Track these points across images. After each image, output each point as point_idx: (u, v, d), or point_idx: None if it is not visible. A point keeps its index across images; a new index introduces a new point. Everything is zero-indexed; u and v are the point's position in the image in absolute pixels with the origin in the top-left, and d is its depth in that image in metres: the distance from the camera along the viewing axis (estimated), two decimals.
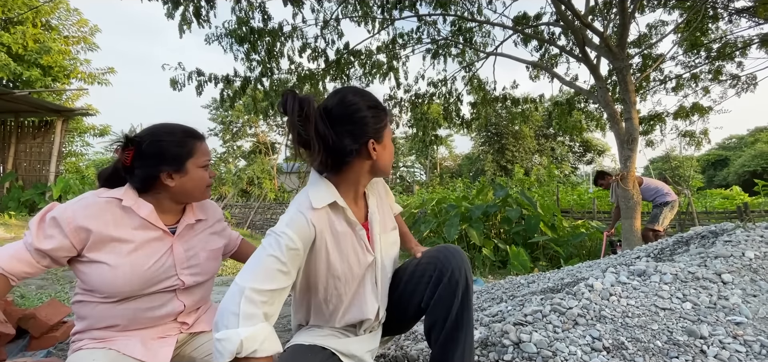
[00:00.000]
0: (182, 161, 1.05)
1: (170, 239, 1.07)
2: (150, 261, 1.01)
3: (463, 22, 6.59)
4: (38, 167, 9.85)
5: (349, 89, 1.00)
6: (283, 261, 0.84)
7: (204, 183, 1.10)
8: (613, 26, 5.75)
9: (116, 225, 0.99)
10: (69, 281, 3.50)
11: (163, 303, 1.04)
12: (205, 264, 1.13)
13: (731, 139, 32.68)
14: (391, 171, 1.08)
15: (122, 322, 1.00)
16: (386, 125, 1.02)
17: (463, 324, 1.00)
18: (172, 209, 1.10)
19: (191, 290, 1.11)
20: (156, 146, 1.03)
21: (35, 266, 0.93)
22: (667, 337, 1.30)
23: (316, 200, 0.94)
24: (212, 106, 25.96)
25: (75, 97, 14.30)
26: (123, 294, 0.97)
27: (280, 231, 0.87)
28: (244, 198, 18.90)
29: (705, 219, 7.65)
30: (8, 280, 0.90)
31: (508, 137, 26.15)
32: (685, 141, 7.35)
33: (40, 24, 12.72)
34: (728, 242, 1.93)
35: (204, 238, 1.16)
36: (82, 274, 0.98)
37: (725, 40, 6.50)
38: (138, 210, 1.02)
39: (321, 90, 6.44)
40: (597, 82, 5.25)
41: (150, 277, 1.00)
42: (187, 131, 1.09)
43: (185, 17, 4.86)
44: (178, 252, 1.07)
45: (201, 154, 1.08)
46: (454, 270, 0.98)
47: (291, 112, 0.90)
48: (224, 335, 0.74)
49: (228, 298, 0.79)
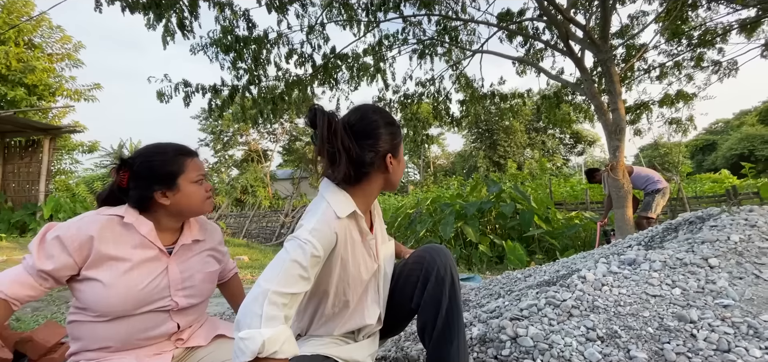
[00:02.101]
0: (174, 179, 1.06)
1: (166, 259, 1.08)
2: (145, 281, 1.01)
3: (447, 21, 6.64)
4: (27, 187, 9.70)
5: (369, 107, 1.07)
6: (304, 266, 0.87)
7: (199, 199, 1.11)
8: (595, 19, 5.84)
9: (116, 243, 1.00)
10: (65, 301, 3.46)
11: (156, 324, 1.04)
12: (201, 285, 1.13)
13: (718, 124, 33.28)
14: (398, 184, 1.13)
15: (115, 343, 1.00)
16: (401, 141, 1.09)
17: (454, 319, 1.04)
18: (170, 228, 1.12)
19: (185, 311, 1.11)
20: (147, 166, 1.05)
21: (38, 288, 0.93)
22: (659, 323, 1.34)
23: (340, 210, 0.98)
24: (201, 116, 25.75)
25: (62, 114, 14.11)
26: (115, 312, 0.97)
27: (304, 239, 0.90)
28: (238, 207, 18.77)
29: (695, 205, 7.79)
30: (10, 305, 0.90)
31: (499, 133, 26.34)
32: (672, 128, 7.48)
33: (22, 43, 12.54)
34: (714, 227, 1.97)
35: (201, 260, 1.17)
36: (77, 292, 0.98)
37: (705, 27, 6.63)
38: (139, 228, 1.04)
39: (309, 95, 6.45)
40: (582, 74, 5.32)
41: (143, 297, 1.00)
42: (178, 149, 1.11)
43: (168, 28, 4.83)
44: (173, 272, 1.07)
45: (192, 170, 1.09)
46: (439, 268, 1.04)
47: (321, 126, 0.95)
48: (247, 334, 0.77)
49: (251, 299, 0.82)
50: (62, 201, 9.44)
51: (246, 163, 26.52)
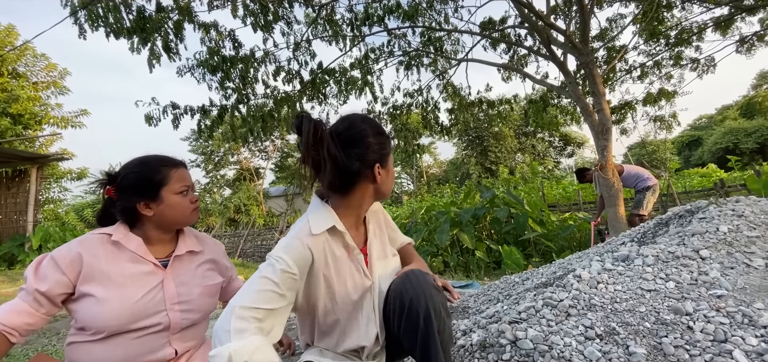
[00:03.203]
0: (156, 190, 1.06)
1: (162, 273, 1.07)
2: (139, 293, 1.00)
3: (431, 32, 6.74)
4: (15, 218, 9.50)
5: (357, 116, 1.05)
6: (276, 282, 0.86)
7: (184, 209, 1.09)
8: (574, 23, 5.98)
9: (108, 259, 1.00)
10: (55, 333, 3.38)
11: (153, 349, 1.03)
12: (199, 300, 1.11)
13: (701, 119, 34.03)
14: (390, 195, 1.11)
15: None
16: (389, 151, 1.07)
17: (432, 351, 0.96)
18: (161, 240, 1.11)
19: (184, 333, 1.08)
20: (130, 178, 1.06)
21: (35, 315, 0.93)
22: (655, 318, 1.35)
23: (316, 226, 0.97)
24: (191, 138, 25.60)
25: (49, 142, 13.92)
26: (111, 327, 0.96)
27: (276, 256, 0.89)
28: (232, 226, 18.58)
29: (685, 199, 7.92)
30: (7, 338, 0.89)
31: (489, 139, 26.57)
32: (657, 125, 7.63)
33: (6, 72, 12.42)
34: (703, 219, 2.01)
35: (199, 273, 1.15)
36: (74, 312, 0.98)
37: (681, 26, 6.82)
38: (127, 244, 1.04)
39: (299, 111, 6.46)
40: (566, 77, 5.42)
41: (138, 311, 0.99)
42: (161, 160, 1.11)
43: (154, 51, 4.83)
44: (168, 286, 1.06)
45: (176, 181, 1.09)
46: (412, 299, 0.96)
47: (306, 133, 0.93)
48: (216, 351, 0.76)
49: (221, 320, 0.81)
50: (52, 230, 9.25)
51: (238, 181, 26.34)
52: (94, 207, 23.02)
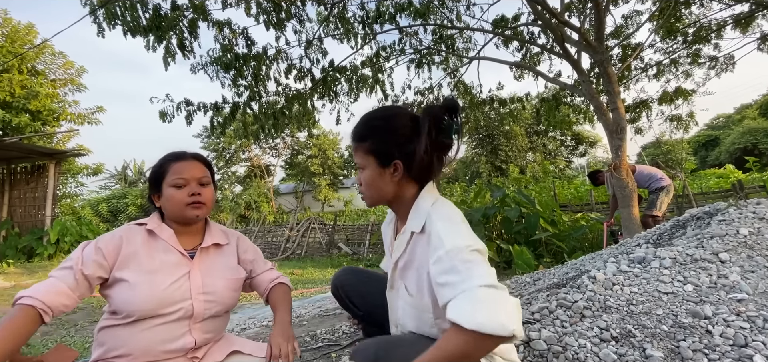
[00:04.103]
0: (159, 183, 1.13)
1: (189, 263, 1.12)
2: (168, 281, 1.05)
3: (443, 30, 6.70)
4: (34, 212, 9.77)
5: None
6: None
7: (178, 202, 1.10)
8: (589, 21, 5.88)
9: (143, 247, 1.08)
10: (73, 324, 3.47)
11: (175, 337, 1.06)
12: (223, 293, 1.14)
13: (719, 119, 33.18)
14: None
15: (135, 352, 1.03)
16: None
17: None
18: (186, 232, 1.16)
19: (205, 324, 1.11)
20: (150, 172, 1.17)
21: (71, 296, 0.98)
22: (673, 321, 1.33)
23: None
24: (203, 134, 25.93)
25: (66, 138, 14.24)
26: (141, 311, 1.01)
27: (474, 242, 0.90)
28: (243, 223, 18.78)
29: (702, 201, 7.74)
30: (41, 316, 0.92)
31: (500, 138, 26.33)
32: (673, 125, 7.47)
33: (26, 70, 12.72)
34: (722, 221, 1.96)
35: (224, 264, 1.19)
36: (109, 297, 1.05)
37: (700, 23, 6.66)
38: (160, 233, 1.11)
39: (310, 109, 6.50)
40: (580, 76, 5.34)
41: (166, 297, 1.04)
42: (170, 154, 1.17)
43: (169, 49, 4.90)
44: (195, 276, 1.11)
45: (172, 173, 1.12)
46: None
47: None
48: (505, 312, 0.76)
49: (491, 299, 0.79)
50: (68, 224, 9.49)
51: (249, 178, 26.61)
52: (108, 202, 23.50)
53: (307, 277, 7.13)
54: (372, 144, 1.02)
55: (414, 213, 1.01)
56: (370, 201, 1.07)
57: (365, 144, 1.03)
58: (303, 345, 2.10)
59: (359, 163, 1.05)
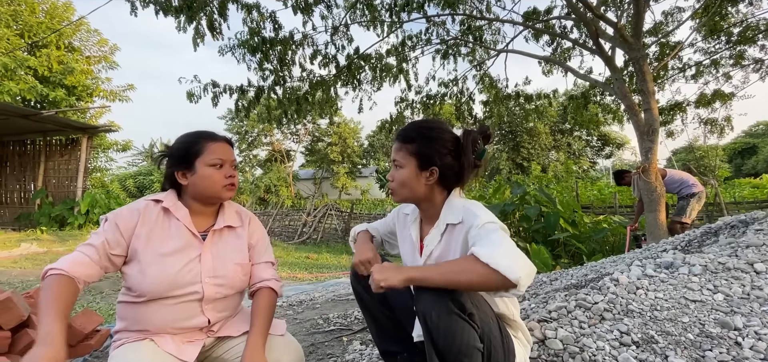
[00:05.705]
0: (191, 160, 1.11)
1: (200, 245, 1.11)
2: (178, 265, 1.06)
3: (472, 20, 6.56)
4: (66, 183, 10.24)
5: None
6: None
7: (215, 183, 1.11)
8: (626, 16, 5.63)
9: (158, 227, 1.08)
10: (99, 291, 3.63)
11: (188, 316, 1.07)
12: (233, 277, 1.13)
13: (758, 126, 31.41)
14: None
15: (152, 328, 1.05)
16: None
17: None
18: (202, 212, 1.15)
19: (216, 304, 1.12)
20: (175, 147, 1.14)
21: (94, 267, 1.00)
22: (699, 330, 1.27)
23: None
24: (228, 117, 26.49)
25: (98, 114, 14.82)
26: (151, 293, 1.03)
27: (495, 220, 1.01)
28: (262, 206, 19.16)
29: (734, 210, 7.38)
30: (76, 285, 0.95)
31: (523, 135, 25.77)
32: (708, 129, 7.12)
33: (63, 46, 13.26)
34: (760, 230, 1.86)
35: (235, 247, 1.17)
36: (124, 275, 1.06)
37: (747, 23, 6.27)
38: (175, 212, 1.10)
39: (333, 95, 6.51)
40: (613, 73, 5.14)
41: (176, 281, 1.05)
42: (201, 133, 1.16)
43: (198, 30, 4.98)
44: (206, 259, 1.10)
45: (210, 153, 1.12)
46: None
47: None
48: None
49: (514, 255, 0.92)
50: (98, 197, 9.90)
51: (269, 162, 27.07)
52: (135, 178, 24.39)
53: (322, 262, 7.23)
54: (417, 147, 1.12)
55: (448, 209, 1.13)
56: (400, 198, 1.17)
57: (411, 146, 1.13)
58: (316, 327, 2.13)
59: (399, 161, 1.14)
